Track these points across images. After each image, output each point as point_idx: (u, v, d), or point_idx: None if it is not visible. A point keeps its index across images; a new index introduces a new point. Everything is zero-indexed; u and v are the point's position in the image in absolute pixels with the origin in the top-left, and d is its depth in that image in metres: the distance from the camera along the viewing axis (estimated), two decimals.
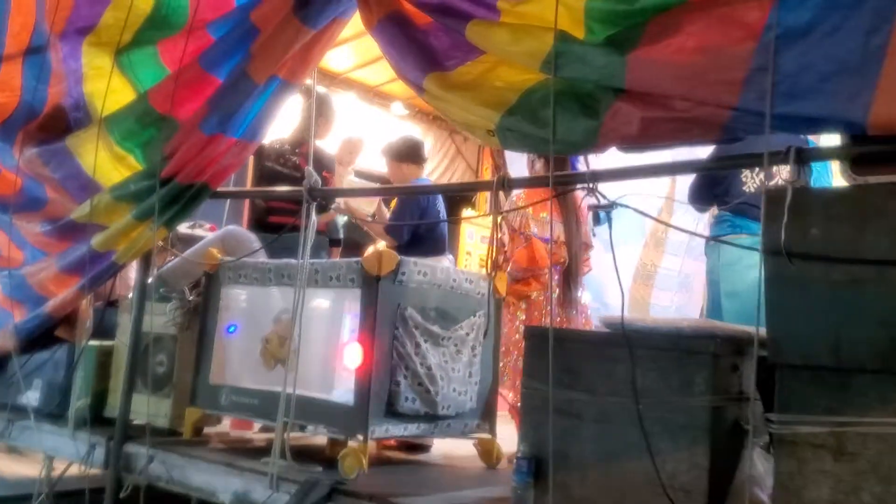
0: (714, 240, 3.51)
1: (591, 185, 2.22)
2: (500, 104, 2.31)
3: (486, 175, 10.25)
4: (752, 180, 3.46)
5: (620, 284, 2.14)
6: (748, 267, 3.34)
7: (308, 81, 3.45)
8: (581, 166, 3.67)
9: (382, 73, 8.38)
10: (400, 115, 9.11)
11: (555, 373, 2.23)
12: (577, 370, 2.31)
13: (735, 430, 2.18)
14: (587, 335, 2.44)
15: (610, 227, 2.18)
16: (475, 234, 9.53)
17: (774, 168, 3.38)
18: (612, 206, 2.18)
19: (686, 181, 5.82)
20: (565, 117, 2.15)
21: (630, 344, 2.16)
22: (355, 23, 3.13)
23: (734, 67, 1.87)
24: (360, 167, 6.99)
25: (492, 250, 2.46)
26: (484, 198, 10.20)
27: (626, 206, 2.18)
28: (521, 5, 2.25)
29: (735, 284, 3.42)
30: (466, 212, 9.41)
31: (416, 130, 8.64)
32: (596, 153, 2.20)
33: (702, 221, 7.40)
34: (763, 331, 2.35)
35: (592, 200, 2.27)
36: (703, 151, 4.13)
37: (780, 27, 1.81)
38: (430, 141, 8.89)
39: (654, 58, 1.97)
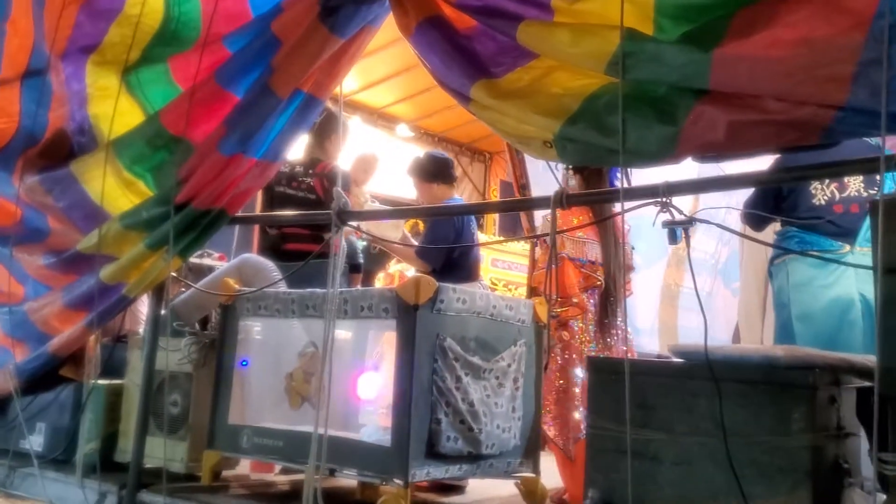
0: (803, 254, 3.20)
1: (665, 199, 1.98)
2: (560, 112, 2.08)
3: (494, 196, 10.07)
4: (822, 192, 3.23)
5: (703, 312, 1.91)
6: (822, 287, 3.11)
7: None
8: (618, 182, 3.44)
9: (386, 95, 8.25)
10: (405, 137, 8.98)
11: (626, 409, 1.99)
12: (652, 406, 2.08)
13: (835, 469, 1.94)
14: (661, 366, 2.20)
15: (688, 244, 1.95)
16: (485, 257, 9.29)
17: (847, 178, 3.17)
18: (690, 222, 1.95)
19: (707, 197, 5.62)
20: (637, 124, 1.93)
21: (715, 376, 1.93)
22: None
23: (841, 61, 1.64)
24: (373, 191, 6.79)
25: (551, 274, 2.22)
26: (492, 220, 10.01)
27: (707, 222, 1.95)
28: (579, 2, 2.03)
29: (809, 306, 3.17)
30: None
31: (421, 152, 8.50)
32: (672, 164, 1.97)
33: (721, 240, 7.23)
34: (857, 357, 2.13)
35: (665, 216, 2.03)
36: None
37: (894, 14, 1.59)
38: None
39: (743, 54, 1.75)
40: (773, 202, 3.32)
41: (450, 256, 4.04)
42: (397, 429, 2.67)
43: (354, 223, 2.88)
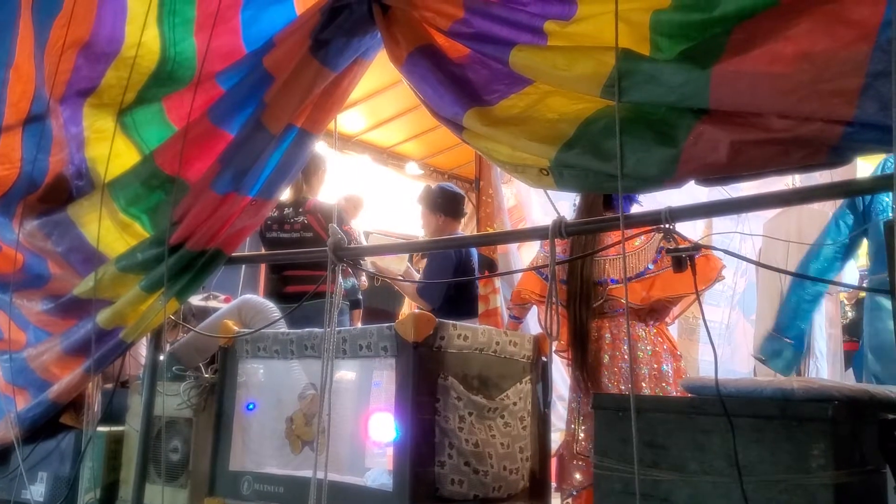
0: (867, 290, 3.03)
1: (668, 226, 1.89)
2: (556, 138, 2.00)
3: None
4: None
5: (712, 343, 1.81)
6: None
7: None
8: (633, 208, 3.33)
9: (395, 133, 8.23)
10: (414, 175, 8.94)
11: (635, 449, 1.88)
12: (662, 445, 1.97)
13: None
14: (671, 402, 2.10)
15: (694, 273, 1.85)
16: None
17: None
18: (695, 248, 1.86)
19: (719, 225, 5.47)
20: (636, 147, 1.84)
21: (728, 412, 1.82)
22: (364, 84, 2.89)
23: (846, 75, 1.56)
24: (381, 230, 6.72)
25: (551, 308, 2.12)
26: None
27: (715, 249, 1.85)
28: (572, 25, 1.97)
29: (882, 338, 2.97)
30: None
31: None
32: (673, 187, 1.88)
33: (738, 269, 7.07)
34: (878, 388, 2.02)
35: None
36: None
37: None
38: None
39: (742, 70, 1.67)
40: None
41: (448, 292, 3.96)
42: (399, 472, 2.57)
43: (356, 259, 2.79)
